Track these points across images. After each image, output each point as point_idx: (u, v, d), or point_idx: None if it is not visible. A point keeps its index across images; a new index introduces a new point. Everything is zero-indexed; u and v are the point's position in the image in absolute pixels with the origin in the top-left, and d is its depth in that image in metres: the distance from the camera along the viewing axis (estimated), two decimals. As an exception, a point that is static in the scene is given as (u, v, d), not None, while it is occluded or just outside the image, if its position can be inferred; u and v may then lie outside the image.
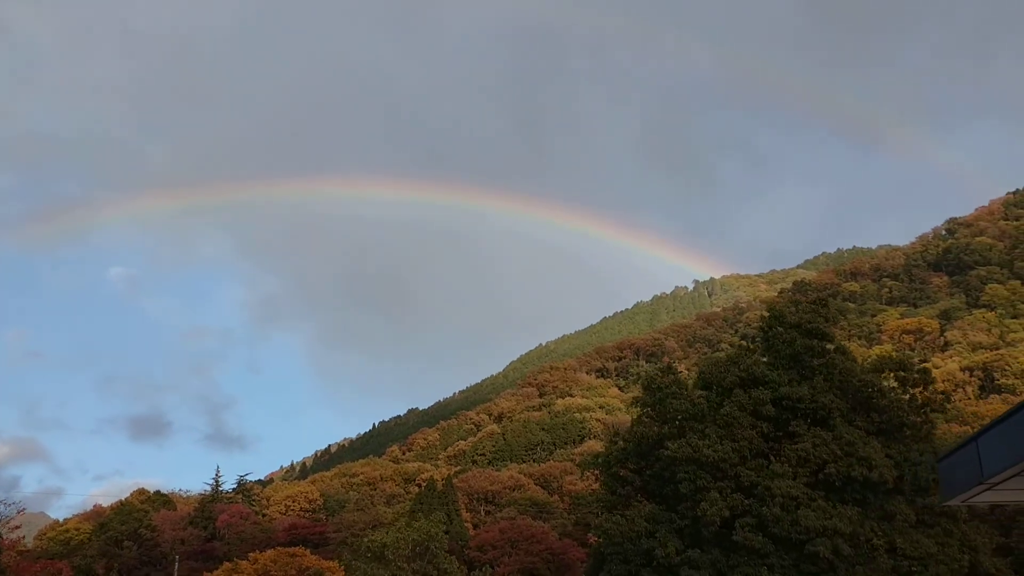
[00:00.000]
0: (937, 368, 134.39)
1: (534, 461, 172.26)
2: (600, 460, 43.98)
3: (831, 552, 34.17)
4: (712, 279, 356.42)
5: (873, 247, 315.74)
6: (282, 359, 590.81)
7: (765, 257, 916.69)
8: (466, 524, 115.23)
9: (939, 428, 38.72)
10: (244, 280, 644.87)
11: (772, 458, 38.25)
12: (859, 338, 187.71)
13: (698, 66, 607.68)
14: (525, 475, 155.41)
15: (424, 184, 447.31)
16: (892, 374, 41.15)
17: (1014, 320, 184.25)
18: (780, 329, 41.30)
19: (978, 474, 13.58)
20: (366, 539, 53.19)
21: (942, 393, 35.25)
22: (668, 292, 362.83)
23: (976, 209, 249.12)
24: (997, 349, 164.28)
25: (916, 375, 41.45)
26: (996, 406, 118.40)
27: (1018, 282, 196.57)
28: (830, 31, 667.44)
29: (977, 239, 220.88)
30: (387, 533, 52.38)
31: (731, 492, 37.20)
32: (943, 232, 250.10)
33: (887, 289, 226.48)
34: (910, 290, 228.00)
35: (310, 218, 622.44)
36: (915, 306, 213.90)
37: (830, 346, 41.05)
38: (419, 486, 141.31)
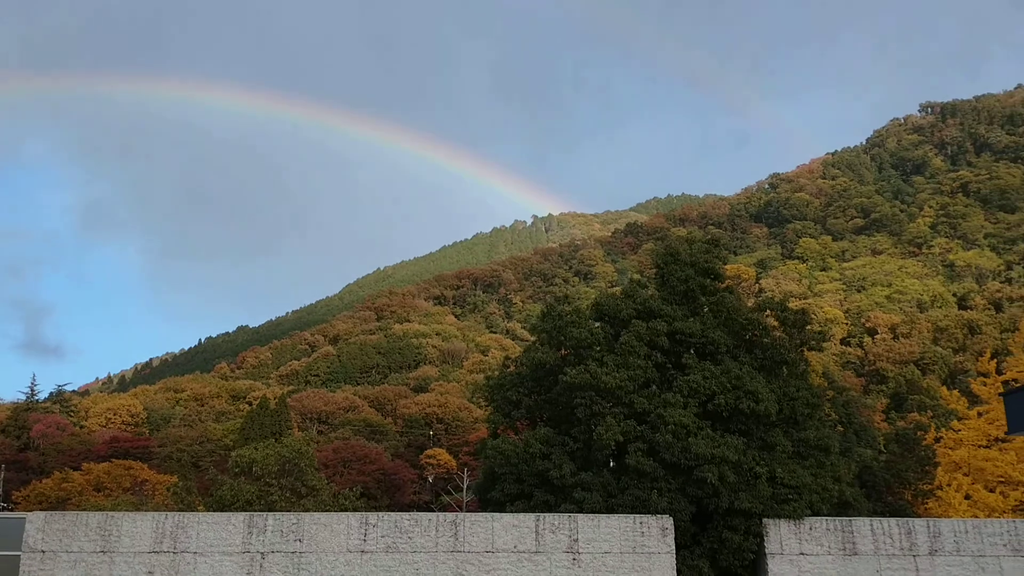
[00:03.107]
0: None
1: (369, 384, 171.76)
2: (492, 383, 44.22)
3: (717, 478, 36.20)
4: (550, 215, 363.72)
5: (701, 195, 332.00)
6: (109, 268, 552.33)
7: (601, 198, 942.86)
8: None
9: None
10: (71, 183, 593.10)
11: (664, 388, 39.89)
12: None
13: (563, 4, 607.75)
14: (360, 397, 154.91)
15: (274, 97, 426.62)
16: (773, 314, 43.50)
17: (822, 272, 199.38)
18: (675, 267, 42.57)
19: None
20: (234, 454, 51.48)
21: (818, 333, 38.07)
22: (507, 225, 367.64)
23: (798, 167, 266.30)
24: (806, 299, 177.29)
25: (795, 316, 44.23)
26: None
27: (829, 237, 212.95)
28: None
29: (796, 194, 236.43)
30: (256, 449, 50.65)
31: (625, 418, 38.45)
32: (766, 186, 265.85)
33: (711, 236, 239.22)
34: (732, 238, 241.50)
35: (148, 121, 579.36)
36: (735, 254, 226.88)
37: (720, 285, 42.86)
38: (250, 404, 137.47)
